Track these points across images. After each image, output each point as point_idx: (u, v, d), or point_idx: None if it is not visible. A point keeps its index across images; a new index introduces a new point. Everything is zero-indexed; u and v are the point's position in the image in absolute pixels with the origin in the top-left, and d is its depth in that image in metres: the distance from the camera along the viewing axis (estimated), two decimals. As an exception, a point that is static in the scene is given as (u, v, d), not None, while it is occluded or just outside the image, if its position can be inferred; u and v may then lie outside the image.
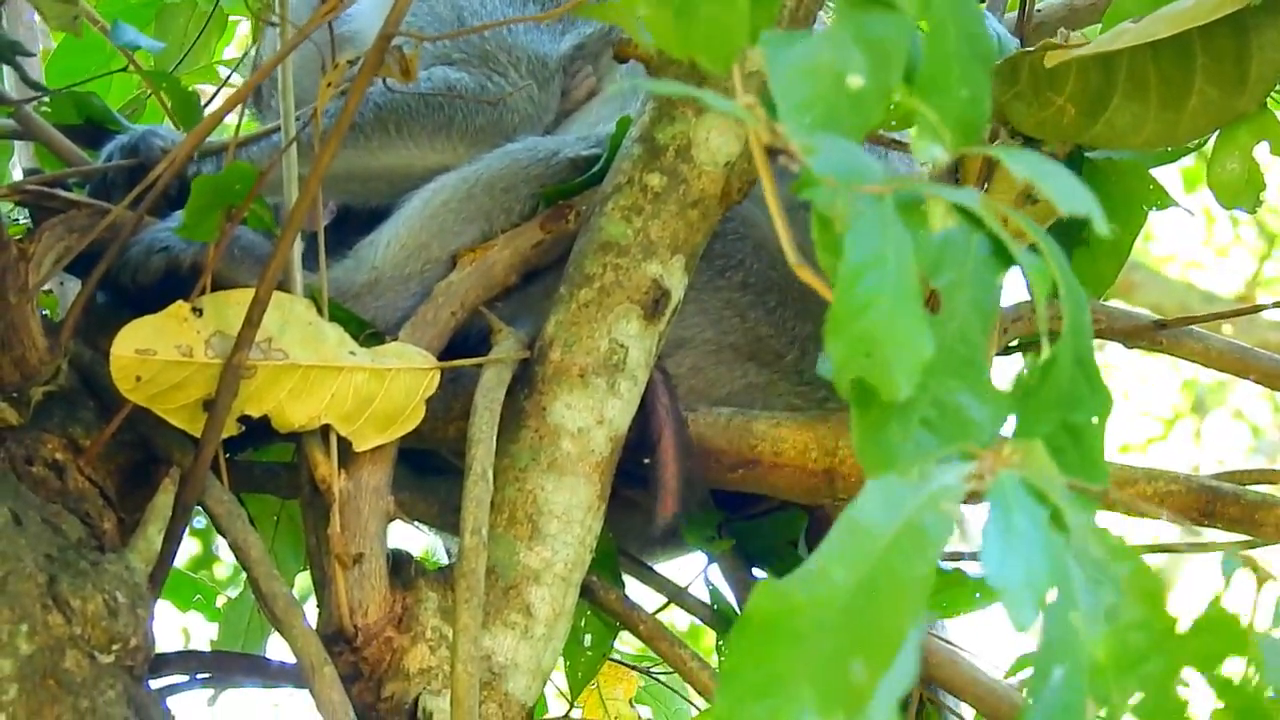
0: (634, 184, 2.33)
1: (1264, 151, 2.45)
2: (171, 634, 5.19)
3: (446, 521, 2.58)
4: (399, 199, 2.59)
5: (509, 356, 2.31)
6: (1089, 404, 1.29)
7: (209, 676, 2.53)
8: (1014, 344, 2.64)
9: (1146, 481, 2.34)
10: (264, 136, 2.60)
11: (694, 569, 2.69)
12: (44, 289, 2.50)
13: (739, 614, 2.58)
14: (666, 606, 2.70)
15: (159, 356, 2.12)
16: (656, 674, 3.00)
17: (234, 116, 2.43)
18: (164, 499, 2.17)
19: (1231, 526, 2.34)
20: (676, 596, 2.68)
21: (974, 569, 2.53)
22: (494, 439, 2.21)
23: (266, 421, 2.18)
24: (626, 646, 3.18)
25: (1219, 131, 2.43)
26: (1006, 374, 2.47)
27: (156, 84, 2.74)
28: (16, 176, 2.87)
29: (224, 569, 4.69)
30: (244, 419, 2.18)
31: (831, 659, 1.09)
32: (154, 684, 2.23)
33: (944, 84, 1.25)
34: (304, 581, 2.84)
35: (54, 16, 2.66)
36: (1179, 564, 8.08)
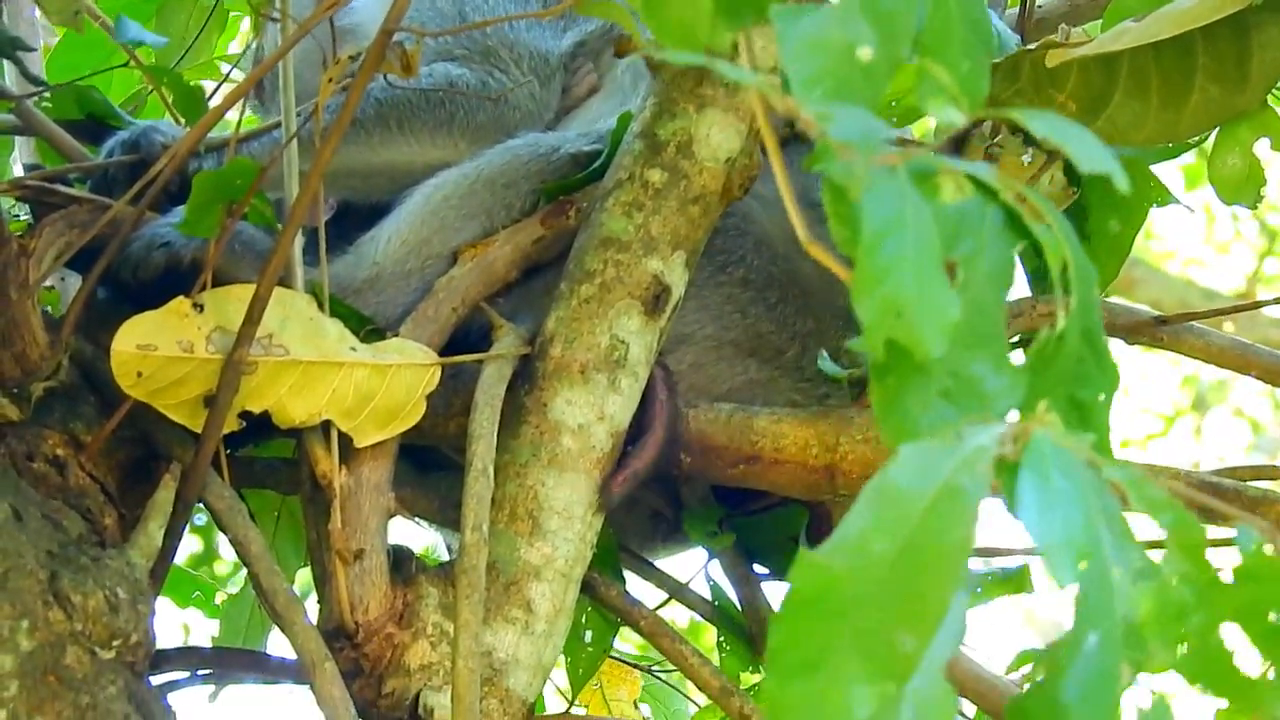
0: (635, 180, 2.33)
1: (1265, 148, 2.45)
2: (172, 630, 5.19)
3: (447, 518, 2.58)
4: (400, 195, 2.58)
5: (510, 352, 2.31)
6: (1096, 380, 1.29)
7: (210, 673, 2.53)
8: (1014, 340, 2.63)
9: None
10: (265, 132, 2.60)
11: (695, 565, 2.69)
12: (45, 285, 2.50)
13: (759, 612, 2.57)
14: (667, 603, 2.70)
15: (160, 352, 2.12)
16: (657, 672, 3.00)
17: (235, 112, 2.43)
18: (165, 495, 2.17)
19: (1232, 523, 2.34)
20: (677, 592, 2.68)
21: (976, 565, 2.53)
22: (495, 435, 2.21)
23: (267, 417, 2.18)
24: (627, 645, 3.18)
25: (1220, 128, 2.44)
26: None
27: (158, 79, 2.74)
28: (17, 172, 2.87)
29: (223, 566, 4.69)
30: (245, 415, 2.18)
31: (877, 630, 1.08)
32: (155, 680, 2.23)
33: (945, 56, 1.24)
34: (305, 577, 2.84)
35: (55, 12, 2.66)
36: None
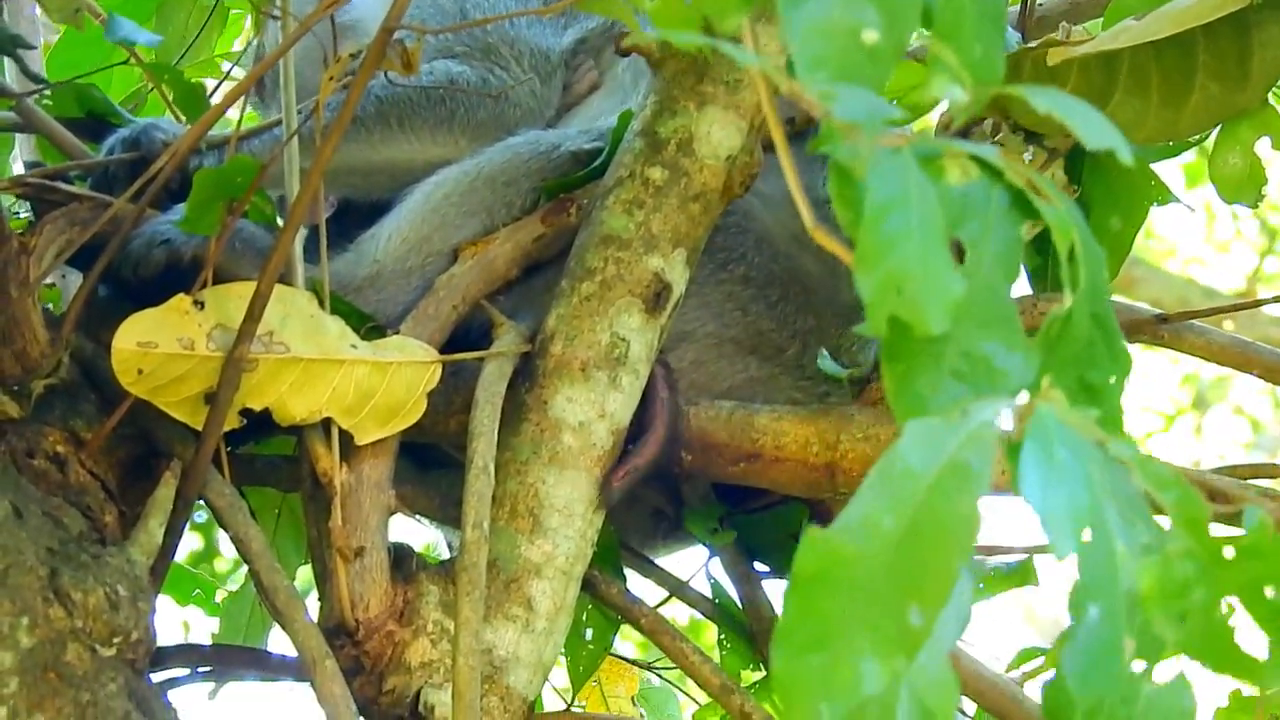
0: (635, 178, 2.33)
1: (1265, 147, 2.45)
2: (172, 628, 5.19)
3: (448, 515, 2.58)
4: (400, 192, 2.58)
5: (510, 350, 2.31)
6: (1107, 363, 1.29)
7: (210, 670, 2.53)
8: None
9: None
10: (266, 130, 2.60)
11: (695, 563, 2.69)
12: (46, 282, 2.50)
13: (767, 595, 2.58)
14: (668, 600, 2.69)
15: (160, 349, 2.12)
16: (657, 669, 3.00)
17: (236, 110, 2.43)
18: (165, 492, 2.17)
19: (1232, 521, 2.34)
20: (678, 590, 2.68)
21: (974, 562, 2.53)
22: (495, 433, 2.21)
23: (268, 415, 2.18)
24: (627, 643, 3.18)
25: (1221, 127, 2.43)
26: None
27: (158, 77, 2.73)
28: (18, 170, 2.87)
29: (223, 563, 4.69)
30: (245, 412, 2.17)
31: (885, 605, 1.09)
32: (155, 677, 2.22)
33: (957, 39, 1.24)
34: (305, 575, 2.84)
35: (55, 9, 2.66)
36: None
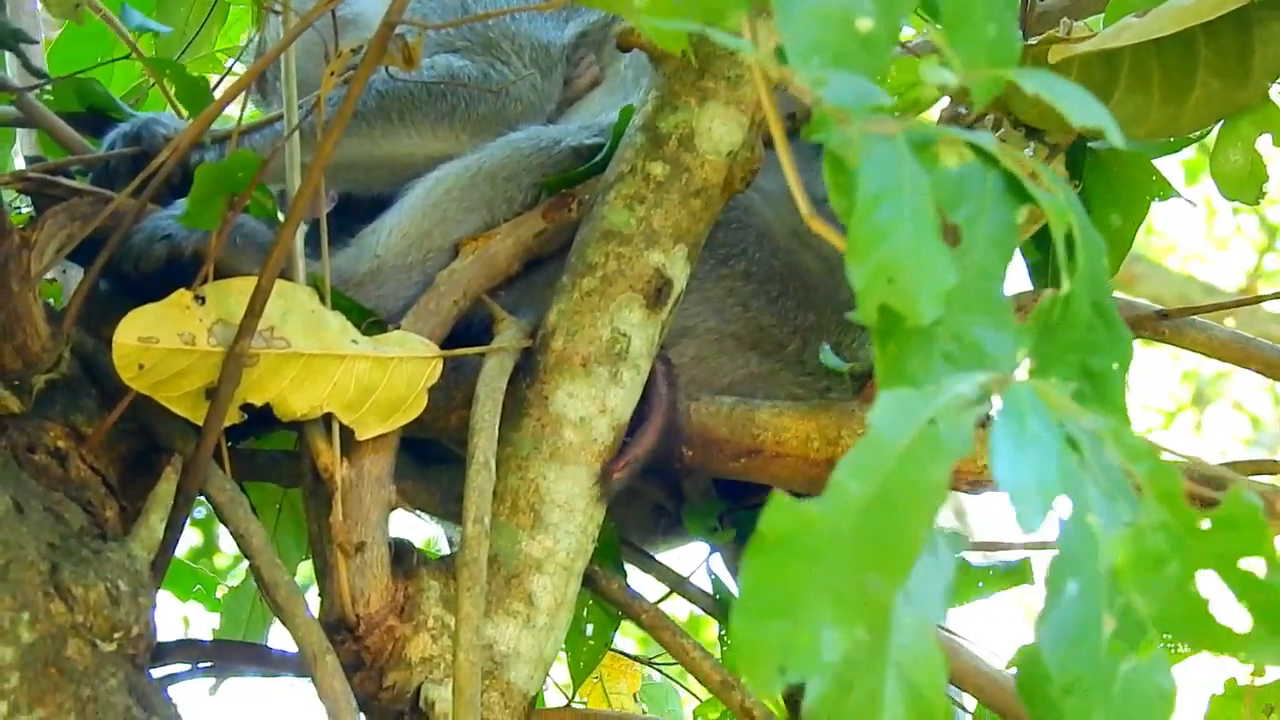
0: (636, 173, 2.33)
1: (1267, 143, 2.45)
2: (172, 623, 5.19)
3: (448, 510, 2.58)
4: (401, 187, 2.58)
5: (511, 345, 2.31)
6: (1109, 350, 1.28)
7: (210, 665, 2.54)
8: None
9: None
10: (267, 125, 2.59)
11: (696, 559, 2.69)
12: (47, 278, 2.50)
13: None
14: (669, 596, 2.69)
15: (161, 344, 2.12)
16: (658, 664, 3.00)
17: (237, 105, 2.43)
18: (166, 487, 2.17)
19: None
20: (679, 586, 2.68)
21: (976, 559, 2.53)
22: (496, 428, 2.21)
23: (269, 410, 2.18)
24: (627, 640, 3.18)
25: (1222, 123, 2.43)
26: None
27: (159, 71, 2.73)
28: (19, 164, 2.87)
29: (223, 559, 4.69)
30: (246, 407, 2.17)
31: (848, 572, 1.08)
32: (155, 673, 2.23)
33: (969, 20, 1.23)
34: (306, 570, 2.84)
35: (56, 5, 2.66)
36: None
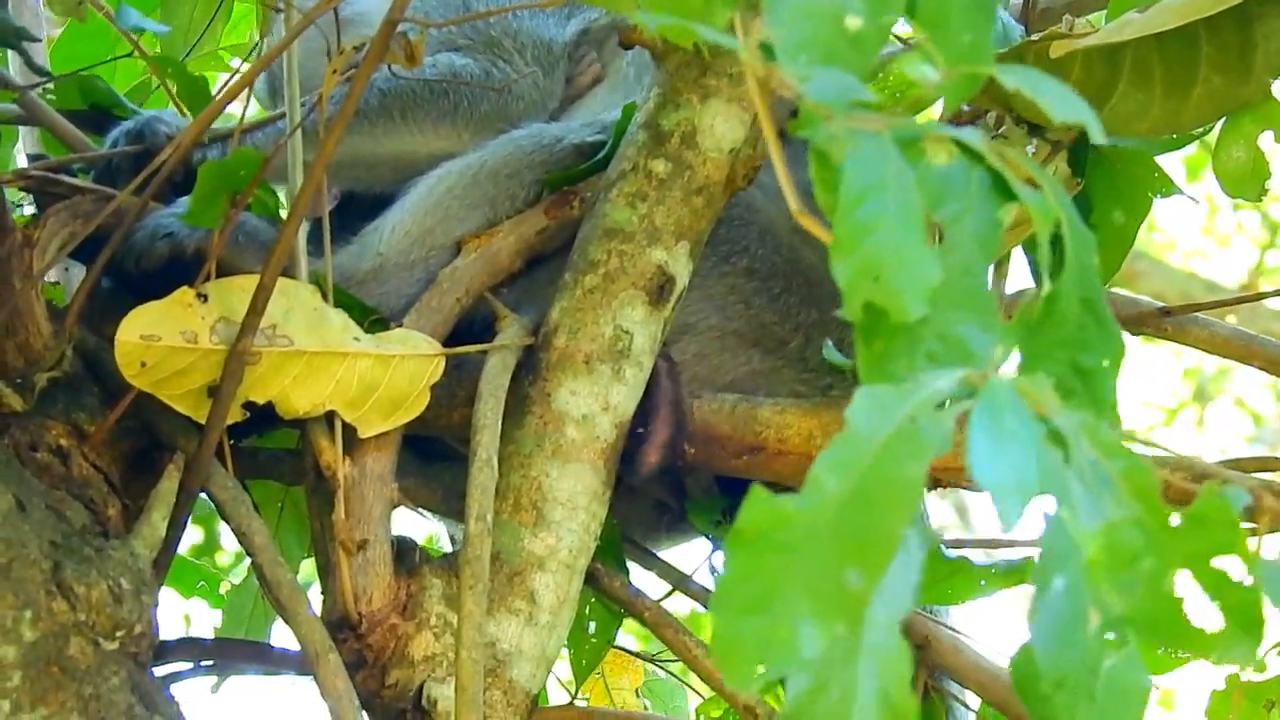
0: (639, 170, 2.33)
1: (1269, 140, 2.44)
2: (173, 621, 5.19)
3: (451, 508, 2.58)
4: (403, 185, 2.58)
5: (514, 343, 2.31)
6: (1099, 347, 1.27)
7: (213, 664, 2.53)
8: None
9: (1159, 466, 2.34)
10: (269, 123, 2.59)
11: (699, 556, 2.69)
12: (50, 280, 2.50)
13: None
14: (671, 594, 2.69)
15: (164, 342, 2.12)
16: (661, 661, 2.99)
17: (240, 103, 2.42)
18: (168, 485, 2.17)
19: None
20: (681, 584, 2.68)
21: (978, 556, 2.53)
22: (499, 426, 2.21)
23: (271, 408, 2.18)
24: (629, 637, 3.17)
25: (1225, 121, 2.43)
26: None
27: (162, 69, 2.73)
28: (21, 162, 2.87)
29: (225, 556, 4.69)
30: (248, 405, 2.17)
31: (826, 568, 1.07)
32: (158, 671, 2.23)
33: (944, 28, 1.23)
34: (308, 568, 2.83)
35: (59, 2, 2.66)
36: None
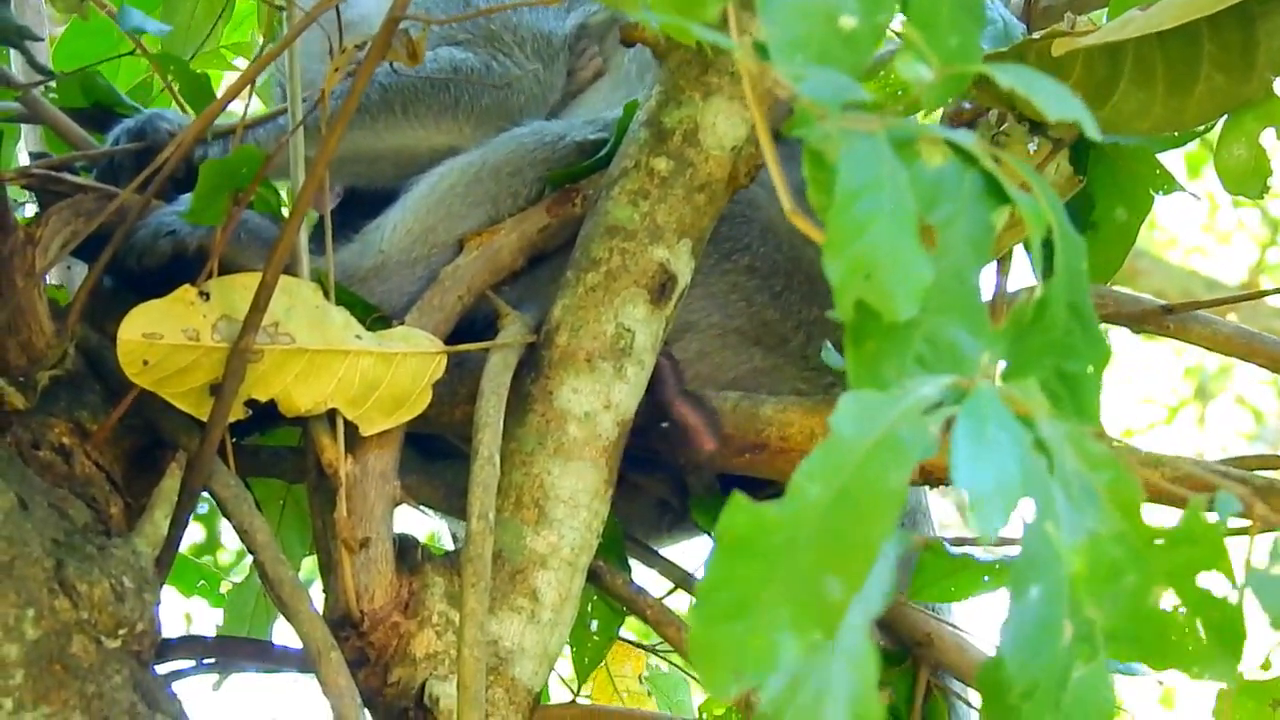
0: (641, 168, 2.32)
1: (1270, 138, 2.44)
2: (175, 619, 5.19)
3: (453, 506, 2.57)
4: (405, 181, 2.58)
5: (516, 341, 2.31)
6: (1085, 352, 1.27)
7: (214, 661, 2.54)
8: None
9: (1152, 467, 2.34)
10: (271, 120, 2.60)
11: (701, 554, 2.69)
12: (52, 282, 2.50)
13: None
14: (673, 591, 2.70)
15: (166, 340, 2.12)
16: (661, 652, 2.99)
17: (242, 100, 2.43)
18: (170, 483, 2.17)
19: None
20: (683, 581, 2.68)
21: (980, 554, 2.53)
22: (500, 423, 2.21)
23: (273, 406, 2.18)
24: (630, 633, 3.17)
25: (1227, 118, 2.43)
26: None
27: (164, 68, 2.73)
28: (23, 160, 2.87)
29: (226, 554, 4.69)
30: (250, 403, 2.18)
31: (806, 576, 1.07)
32: (160, 669, 2.23)
33: (933, 30, 1.22)
34: (310, 566, 2.84)
35: (61, 1, 2.66)
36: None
